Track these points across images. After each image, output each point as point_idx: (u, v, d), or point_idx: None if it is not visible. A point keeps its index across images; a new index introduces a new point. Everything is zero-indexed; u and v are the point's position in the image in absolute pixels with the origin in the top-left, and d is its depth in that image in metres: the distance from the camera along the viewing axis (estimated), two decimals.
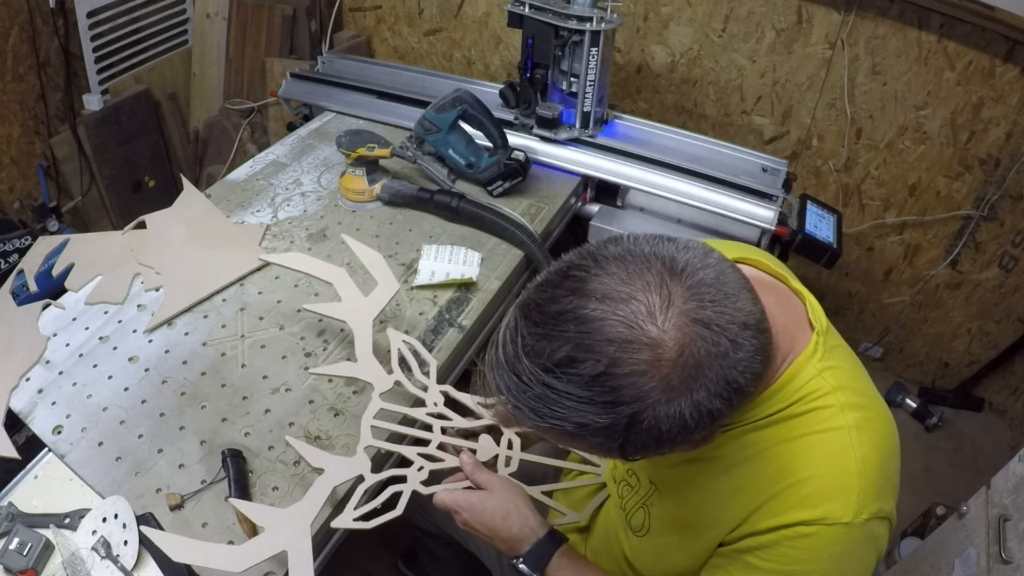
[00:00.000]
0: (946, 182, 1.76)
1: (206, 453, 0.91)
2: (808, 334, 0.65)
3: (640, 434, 0.52)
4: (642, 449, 0.54)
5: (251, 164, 1.50)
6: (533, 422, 0.54)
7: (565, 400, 0.51)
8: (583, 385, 0.50)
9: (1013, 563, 1.00)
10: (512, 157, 1.37)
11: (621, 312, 0.50)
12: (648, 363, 0.50)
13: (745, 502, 0.64)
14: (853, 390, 0.64)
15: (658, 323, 0.50)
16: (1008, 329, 1.90)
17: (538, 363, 0.52)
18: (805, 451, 0.62)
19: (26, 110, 2.00)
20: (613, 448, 0.54)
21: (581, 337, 0.50)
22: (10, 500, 0.85)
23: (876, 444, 0.62)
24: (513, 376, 0.54)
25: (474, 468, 0.83)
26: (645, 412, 0.51)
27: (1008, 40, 1.50)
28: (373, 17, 2.30)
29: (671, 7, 1.81)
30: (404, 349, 0.93)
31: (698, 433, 0.54)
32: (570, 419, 0.52)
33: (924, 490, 1.81)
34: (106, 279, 1.18)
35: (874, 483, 0.61)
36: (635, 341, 0.50)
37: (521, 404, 0.54)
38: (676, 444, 0.54)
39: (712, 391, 0.51)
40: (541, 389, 0.52)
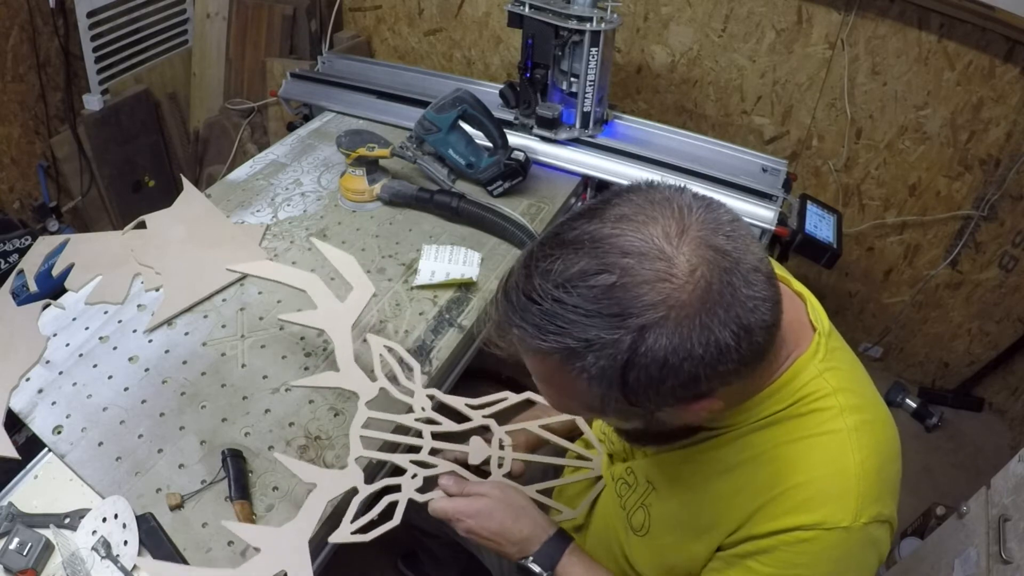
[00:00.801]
0: (946, 182, 1.76)
1: (206, 453, 0.91)
2: (810, 335, 0.65)
3: (645, 356, 0.50)
4: (645, 383, 0.52)
5: (251, 164, 1.50)
6: (536, 341, 0.52)
7: (571, 314, 0.50)
8: (592, 298, 0.50)
9: (1013, 563, 1.00)
10: (512, 157, 1.37)
11: (637, 232, 0.51)
12: (659, 276, 0.49)
13: (744, 504, 0.63)
14: (853, 392, 0.64)
15: (673, 243, 0.50)
16: (1008, 329, 1.90)
17: (549, 279, 0.51)
18: (804, 454, 0.61)
19: (26, 110, 2.00)
20: (613, 379, 0.52)
21: (595, 251, 0.51)
22: (10, 500, 0.85)
23: (875, 447, 0.62)
24: (522, 296, 0.53)
25: (460, 486, 0.82)
26: (652, 328, 0.49)
27: (1008, 40, 1.50)
28: (373, 17, 2.30)
29: (671, 7, 1.81)
30: (387, 355, 0.91)
31: (703, 375, 0.52)
32: (575, 334, 0.50)
33: (924, 490, 1.81)
34: (106, 279, 1.18)
35: (873, 486, 0.60)
36: (648, 254, 0.50)
37: (526, 323, 0.53)
38: (679, 386, 0.52)
39: (722, 319, 0.50)
40: (550, 304, 0.51)
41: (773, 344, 0.57)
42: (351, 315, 0.93)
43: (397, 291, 1.18)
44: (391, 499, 0.80)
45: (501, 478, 0.84)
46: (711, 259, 0.50)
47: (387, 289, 1.18)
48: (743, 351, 0.52)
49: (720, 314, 0.50)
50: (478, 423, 0.88)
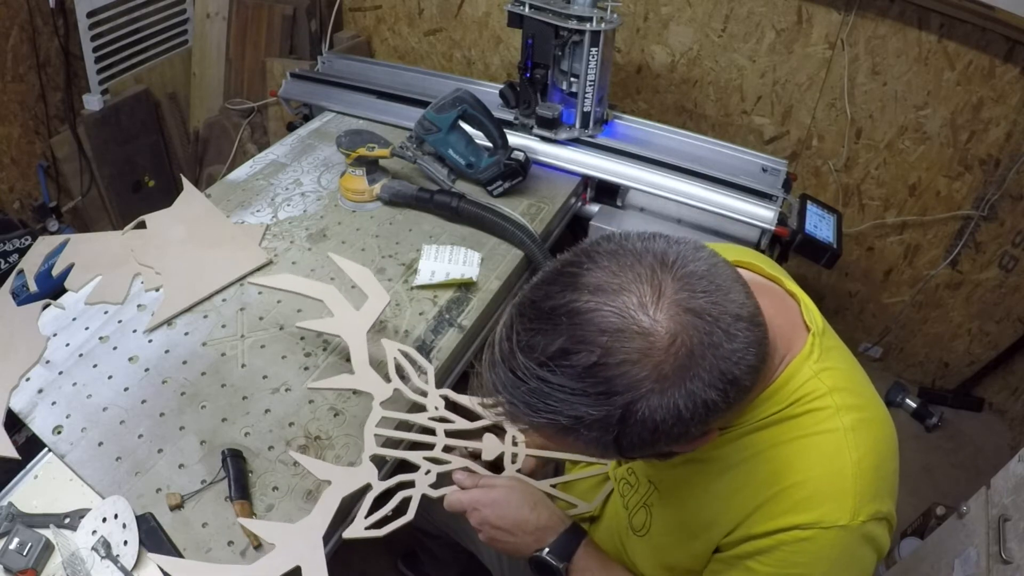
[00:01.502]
0: (946, 182, 1.76)
1: (206, 453, 0.91)
2: (804, 335, 0.65)
3: (635, 426, 0.52)
4: (639, 445, 0.54)
5: (251, 164, 1.50)
6: (528, 418, 0.54)
7: (558, 393, 0.51)
8: (576, 377, 0.51)
9: (1013, 563, 1.00)
10: (512, 157, 1.37)
11: (613, 303, 0.51)
12: (640, 352, 0.50)
13: (742, 504, 0.64)
14: (850, 391, 0.64)
15: (649, 312, 0.50)
16: (1008, 329, 1.90)
17: (532, 357, 0.52)
18: (801, 453, 0.62)
19: (26, 110, 2.00)
20: (608, 444, 0.54)
21: (574, 329, 0.51)
22: (10, 500, 0.85)
23: (872, 445, 0.62)
24: (509, 373, 0.54)
25: (474, 479, 0.82)
26: (639, 402, 0.51)
27: (1008, 40, 1.50)
28: (373, 17, 2.30)
29: (671, 7, 1.81)
30: (400, 357, 0.93)
31: (694, 428, 0.53)
32: (564, 412, 0.52)
33: (924, 490, 1.81)
34: (106, 279, 1.18)
35: (870, 485, 0.61)
36: (626, 330, 0.50)
37: (516, 400, 0.54)
38: (673, 440, 0.54)
39: (706, 381, 0.51)
40: (536, 383, 0.52)
41: (759, 378, 0.58)
42: (367, 322, 0.97)
43: (397, 291, 1.18)
44: (404, 495, 0.81)
45: (515, 473, 0.84)
46: (689, 323, 0.51)
47: (387, 289, 1.18)
48: (731, 399, 0.53)
49: (704, 376, 0.51)
50: (491, 421, 0.88)
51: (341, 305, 0.99)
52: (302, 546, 0.75)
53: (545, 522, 0.79)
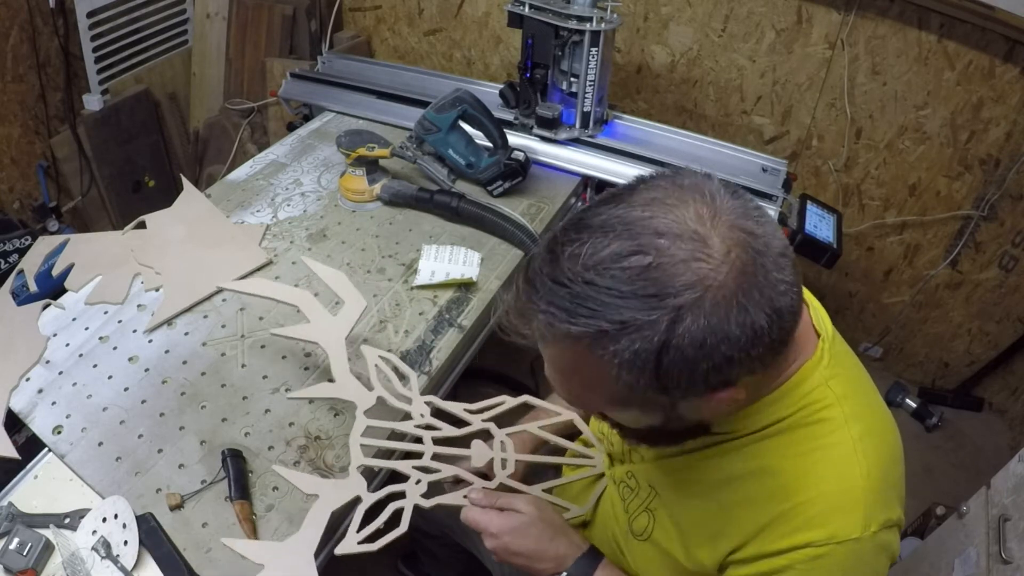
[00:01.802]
0: (946, 182, 1.76)
1: (206, 453, 0.91)
2: (814, 340, 0.65)
3: (682, 337, 0.48)
4: (680, 367, 0.50)
5: (251, 164, 1.50)
6: (564, 325, 0.50)
7: (605, 296, 0.49)
8: (627, 279, 0.48)
9: (1013, 563, 1.00)
10: (512, 157, 1.37)
11: (669, 215, 0.50)
12: (695, 257, 0.49)
13: (752, 517, 0.63)
14: (856, 399, 0.63)
15: (706, 224, 0.50)
16: (1008, 329, 1.90)
17: (580, 263, 0.50)
18: (811, 468, 0.61)
19: (26, 110, 2.00)
20: (648, 362, 0.50)
21: (628, 234, 0.50)
22: (10, 500, 0.85)
23: (879, 455, 0.62)
24: (548, 281, 0.51)
25: (490, 499, 0.80)
26: (690, 309, 0.48)
27: (1008, 40, 1.50)
28: (373, 17, 2.30)
29: (671, 7, 1.81)
30: (382, 364, 0.90)
31: (735, 362, 0.50)
32: (608, 316, 0.49)
33: (924, 490, 1.81)
34: (106, 279, 1.18)
35: (880, 494, 0.61)
36: (683, 235, 0.49)
37: (554, 307, 0.50)
38: (715, 370, 0.51)
39: (757, 301, 0.50)
40: (581, 287, 0.49)
41: (794, 333, 0.56)
42: (344, 328, 0.93)
43: (397, 291, 1.18)
44: (396, 506, 0.79)
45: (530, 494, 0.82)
46: (744, 241, 0.50)
47: (387, 289, 1.18)
48: (774, 335, 0.52)
49: (755, 296, 0.50)
50: (478, 427, 0.87)
51: (317, 311, 0.95)
52: (292, 564, 0.73)
53: (563, 551, 0.78)
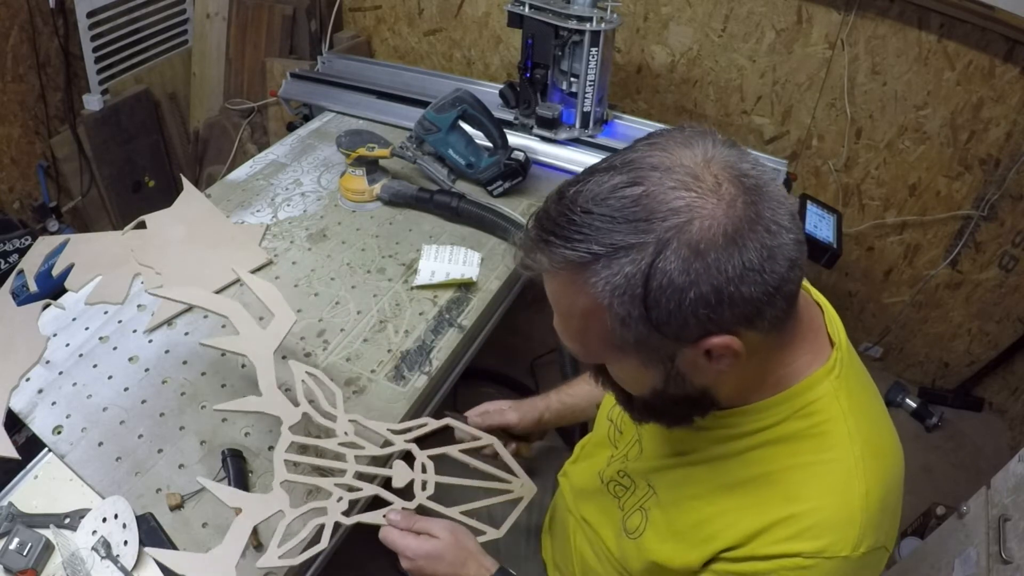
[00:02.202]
0: (946, 182, 1.76)
1: (206, 453, 0.91)
2: (828, 348, 0.65)
3: (668, 263, 0.50)
4: (669, 292, 0.51)
5: (251, 164, 1.50)
6: (561, 250, 0.53)
7: (598, 222, 0.52)
8: (620, 208, 0.51)
9: (1013, 563, 1.00)
10: (512, 157, 1.37)
11: (667, 153, 0.53)
12: (686, 186, 0.51)
13: (748, 523, 0.63)
14: (863, 417, 0.63)
15: (699, 163, 0.52)
16: (1008, 329, 1.90)
17: (580, 199, 0.53)
18: (811, 480, 0.61)
19: (26, 110, 2.00)
20: (637, 291, 0.51)
21: (625, 169, 0.53)
22: (10, 500, 0.86)
23: (881, 476, 0.61)
24: (551, 216, 0.55)
25: (408, 520, 0.81)
26: (677, 233, 0.50)
27: (1008, 40, 1.50)
28: (373, 17, 2.30)
29: (671, 7, 1.81)
30: (309, 381, 0.90)
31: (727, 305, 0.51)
32: (599, 240, 0.51)
33: (924, 490, 1.80)
34: (106, 279, 1.18)
35: (875, 515, 0.60)
36: (675, 169, 0.52)
37: (553, 235, 0.53)
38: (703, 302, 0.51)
39: (746, 236, 0.51)
40: (580, 216, 0.52)
41: (796, 296, 0.57)
42: (274, 341, 0.93)
43: (397, 291, 1.18)
44: (317, 522, 0.79)
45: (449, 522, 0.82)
46: (736, 179, 0.52)
47: (387, 289, 1.18)
48: (767, 276, 0.52)
49: (744, 229, 0.51)
50: (400, 447, 0.87)
51: (247, 323, 0.94)
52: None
53: (475, 574, 0.79)
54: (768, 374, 0.63)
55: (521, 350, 2.03)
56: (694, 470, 0.70)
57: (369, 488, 0.83)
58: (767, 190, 0.53)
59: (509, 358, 2.01)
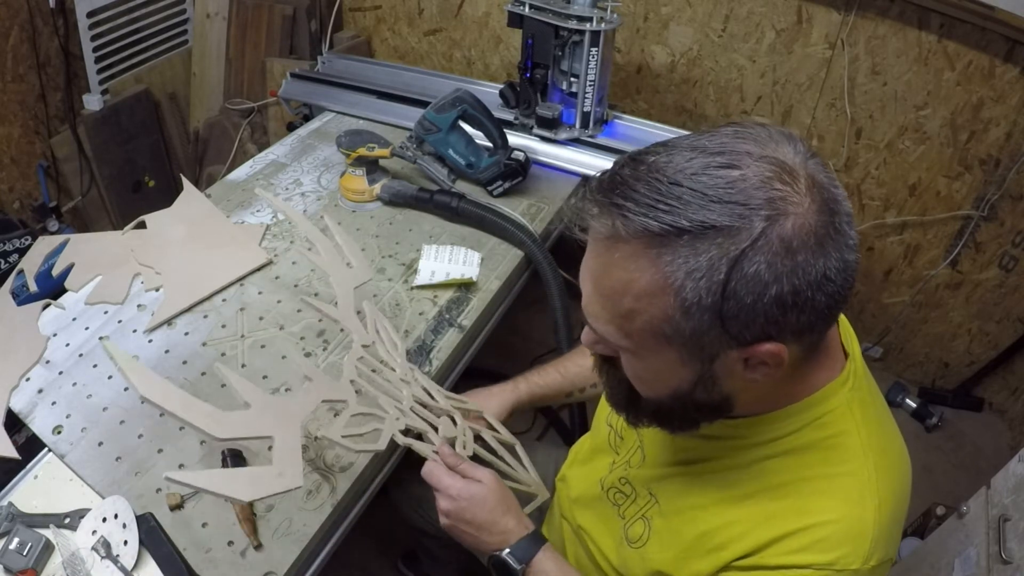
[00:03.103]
0: (946, 182, 1.76)
1: (206, 453, 0.91)
2: (842, 359, 0.64)
3: (760, 255, 0.47)
4: (750, 286, 0.48)
5: (251, 164, 1.50)
6: (639, 217, 0.48)
7: (689, 196, 0.47)
8: (714, 187, 0.48)
9: (1013, 563, 1.00)
10: (512, 157, 1.37)
11: (760, 144, 0.51)
12: (784, 180, 0.49)
13: (761, 534, 0.62)
14: (875, 429, 0.63)
15: (793, 160, 0.50)
16: (1008, 329, 1.90)
17: (664, 172, 0.49)
18: (825, 492, 0.61)
19: (26, 110, 2.00)
20: (718, 278, 0.48)
21: (718, 150, 0.49)
22: (10, 500, 0.86)
23: (892, 490, 0.61)
24: (630, 179, 0.50)
25: (456, 459, 0.82)
26: (774, 226, 0.47)
27: (1008, 40, 1.50)
28: (373, 17, 2.30)
29: (671, 7, 1.81)
30: (379, 324, 0.96)
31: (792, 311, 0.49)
32: (690, 216, 0.47)
33: (924, 490, 1.80)
34: (106, 279, 1.18)
35: (886, 530, 0.60)
36: (773, 160, 0.49)
37: (632, 200, 0.49)
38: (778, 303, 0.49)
39: (831, 245, 0.49)
40: (666, 187, 0.48)
41: (839, 311, 0.55)
42: (356, 280, 1.02)
43: (397, 291, 1.18)
44: (377, 425, 0.83)
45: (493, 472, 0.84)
46: (823, 186, 0.50)
47: (387, 289, 1.18)
48: (838, 289, 0.51)
49: (831, 237, 0.49)
50: (445, 407, 0.91)
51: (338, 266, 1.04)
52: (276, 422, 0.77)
53: (512, 526, 0.79)
54: (786, 386, 0.62)
55: (521, 350, 2.03)
56: (700, 479, 0.69)
57: (421, 423, 0.85)
58: (843, 206, 0.52)
59: (509, 358, 2.00)
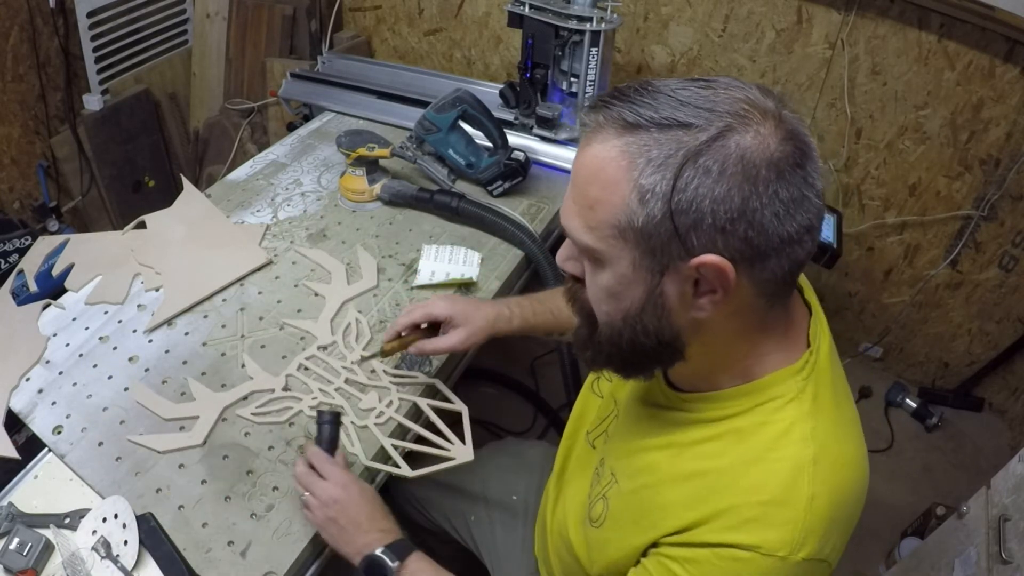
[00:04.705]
0: (946, 182, 1.76)
1: (206, 453, 0.91)
2: (802, 348, 0.64)
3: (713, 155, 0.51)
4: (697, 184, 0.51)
5: (251, 164, 1.50)
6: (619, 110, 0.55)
7: (665, 100, 0.53)
8: (688, 96, 0.53)
9: (1013, 563, 1.00)
10: (512, 157, 1.37)
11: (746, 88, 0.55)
12: (753, 103, 0.53)
13: (694, 512, 0.62)
14: (828, 422, 0.62)
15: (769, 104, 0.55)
16: (1008, 329, 1.90)
17: (657, 83, 0.56)
18: (759, 475, 0.60)
19: (26, 110, 2.00)
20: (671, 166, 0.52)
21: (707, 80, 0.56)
22: (10, 500, 0.86)
23: (832, 485, 0.60)
24: (619, 89, 0.56)
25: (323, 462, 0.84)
26: (733, 135, 0.52)
27: (1008, 40, 1.50)
28: (373, 17, 2.30)
29: (671, 7, 1.81)
30: (353, 322, 1.11)
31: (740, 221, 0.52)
32: (661, 112, 0.53)
33: (924, 490, 1.80)
34: (106, 279, 1.18)
35: (820, 523, 0.59)
36: (750, 95, 0.54)
37: (617, 100, 0.55)
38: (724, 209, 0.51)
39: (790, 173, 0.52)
40: (649, 96, 0.54)
41: (796, 276, 0.58)
42: (348, 293, 1.17)
43: (397, 291, 1.18)
44: (287, 405, 0.98)
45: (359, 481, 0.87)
46: (793, 131, 0.54)
47: (387, 289, 1.18)
48: (788, 220, 0.53)
49: (788, 166, 0.52)
50: (384, 384, 1.01)
51: (340, 277, 1.20)
52: (207, 406, 0.96)
53: (389, 525, 0.82)
54: (739, 358, 0.62)
55: (521, 350, 2.03)
56: (651, 457, 0.69)
57: (339, 399, 0.99)
58: (814, 156, 0.55)
59: (509, 358, 2.01)
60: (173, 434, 0.93)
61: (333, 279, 1.19)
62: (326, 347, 1.07)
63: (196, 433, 0.93)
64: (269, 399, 0.98)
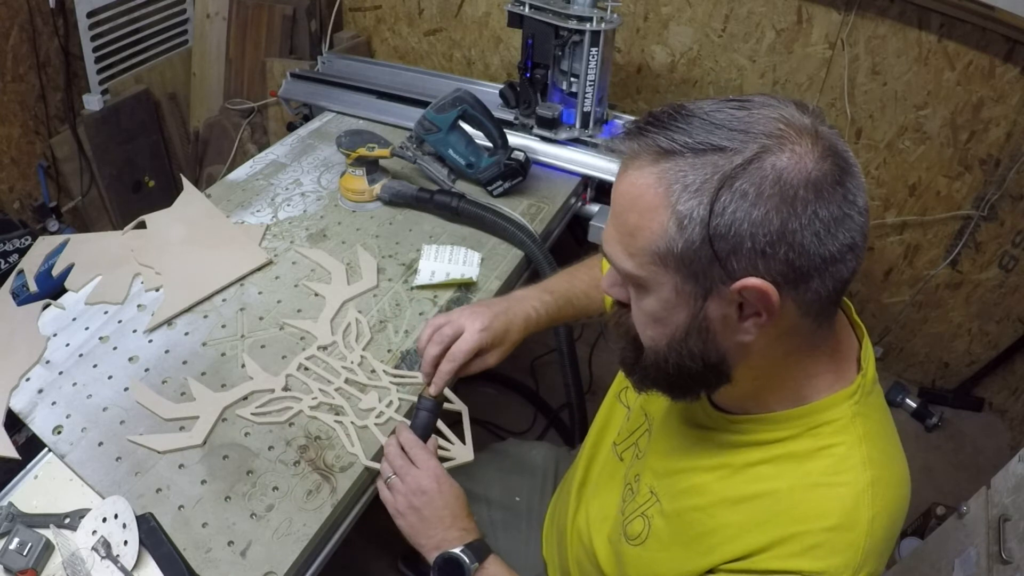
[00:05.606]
0: (946, 182, 1.76)
1: (206, 453, 0.91)
2: (853, 372, 0.64)
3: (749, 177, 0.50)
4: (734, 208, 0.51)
5: (251, 164, 1.50)
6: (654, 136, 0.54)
7: (698, 123, 0.53)
8: (722, 119, 0.53)
9: (1013, 563, 1.00)
10: (512, 157, 1.37)
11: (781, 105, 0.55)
12: (788, 122, 0.52)
13: (754, 539, 0.62)
14: (877, 446, 0.63)
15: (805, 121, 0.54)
16: (1008, 329, 1.90)
17: (692, 106, 0.55)
18: (820, 501, 0.60)
19: (26, 110, 2.00)
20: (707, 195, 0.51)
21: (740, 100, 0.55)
22: (10, 500, 0.86)
23: (887, 506, 0.61)
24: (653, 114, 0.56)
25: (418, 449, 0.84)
26: (769, 154, 0.51)
27: (1008, 40, 1.50)
28: (373, 17, 2.30)
29: (671, 7, 1.81)
30: (353, 322, 1.11)
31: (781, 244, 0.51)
32: (695, 136, 0.52)
33: (924, 490, 1.80)
34: (106, 279, 1.18)
35: (878, 544, 0.60)
36: (784, 113, 0.53)
37: (652, 126, 0.55)
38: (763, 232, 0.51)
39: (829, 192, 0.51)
40: (683, 118, 0.54)
41: (841, 294, 0.57)
42: (348, 293, 1.17)
43: (397, 291, 1.18)
44: (287, 405, 0.98)
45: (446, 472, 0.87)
46: (832, 147, 0.53)
47: (387, 289, 1.18)
48: (830, 239, 0.52)
49: (827, 185, 0.51)
50: (384, 384, 1.01)
51: (340, 278, 1.20)
52: (207, 406, 0.97)
53: (471, 524, 0.82)
54: (787, 379, 0.62)
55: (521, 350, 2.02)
56: (699, 478, 0.69)
57: (339, 399, 0.99)
58: (855, 172, 0.54)
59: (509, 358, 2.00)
60: (173, 434, 0.93)
61: (333, 279, 1.19)
62: (326, 347, 1.07)
63: (196, 433, 0.93)
64: (269, 399, 0.98)
